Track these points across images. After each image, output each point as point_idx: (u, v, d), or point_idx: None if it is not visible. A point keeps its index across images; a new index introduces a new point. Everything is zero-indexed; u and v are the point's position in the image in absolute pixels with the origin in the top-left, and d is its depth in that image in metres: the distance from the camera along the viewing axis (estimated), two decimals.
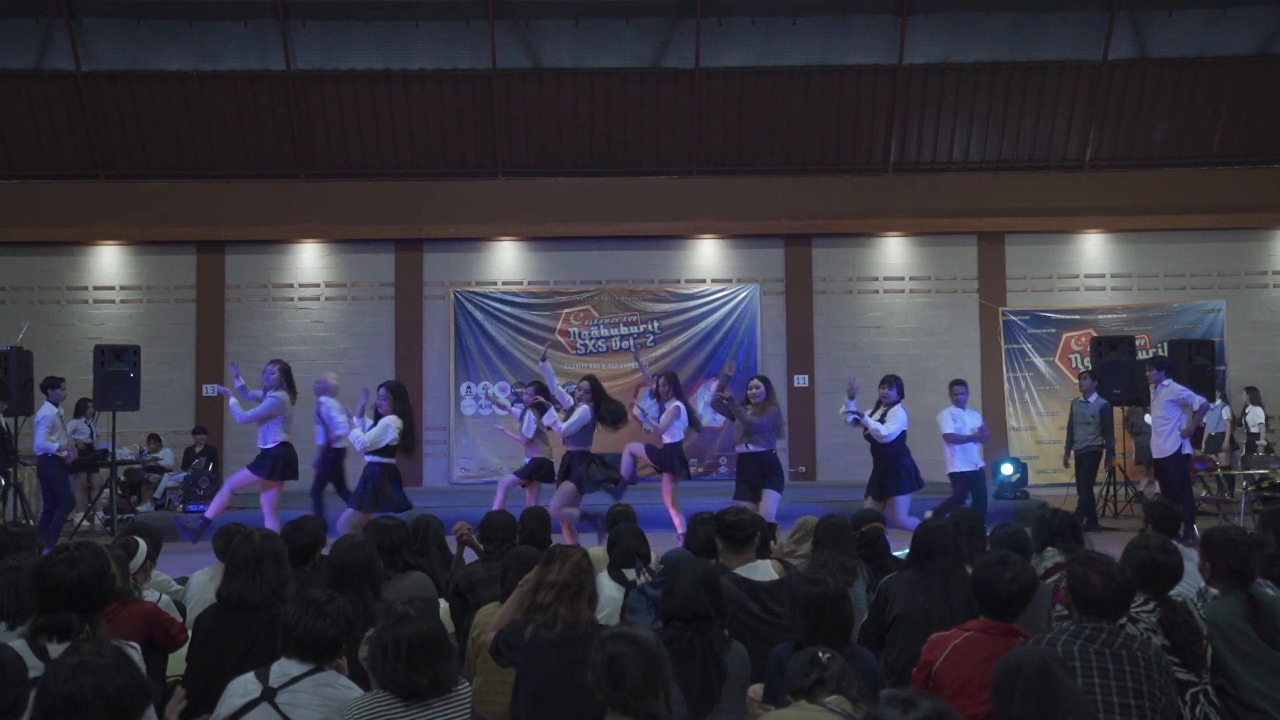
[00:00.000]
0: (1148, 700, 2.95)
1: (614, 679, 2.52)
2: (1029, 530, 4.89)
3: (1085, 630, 3.04)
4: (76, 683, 2.33)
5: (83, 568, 3.19)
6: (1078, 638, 3.04)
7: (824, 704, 2.64)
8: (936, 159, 13.84)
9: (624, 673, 2.52)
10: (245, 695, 2.99)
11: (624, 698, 2.52)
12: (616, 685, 2.52)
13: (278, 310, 13.65)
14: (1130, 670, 2.98)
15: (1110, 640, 3.03)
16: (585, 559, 3.60)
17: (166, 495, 11.69)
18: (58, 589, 3.15)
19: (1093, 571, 3.15)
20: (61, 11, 12.83)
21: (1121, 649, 3.02)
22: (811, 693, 2.70)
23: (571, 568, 3.48)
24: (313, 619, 3.05)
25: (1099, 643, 3.01)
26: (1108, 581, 3.13)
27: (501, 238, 13.73)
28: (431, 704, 2.91)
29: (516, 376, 13.43)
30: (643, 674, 2.53)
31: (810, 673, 2.76)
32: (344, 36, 13.14)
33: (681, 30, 13.18)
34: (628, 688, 2.51)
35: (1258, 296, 13.67)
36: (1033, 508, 9.33)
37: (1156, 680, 3.01)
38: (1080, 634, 3.04)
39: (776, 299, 13.66)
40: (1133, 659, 3.01)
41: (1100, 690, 2.95)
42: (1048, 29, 13.18)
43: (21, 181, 13.58)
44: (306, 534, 4.68)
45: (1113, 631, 3.07)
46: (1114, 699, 2.94)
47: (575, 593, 3.46)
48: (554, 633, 3.38)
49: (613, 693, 2.53)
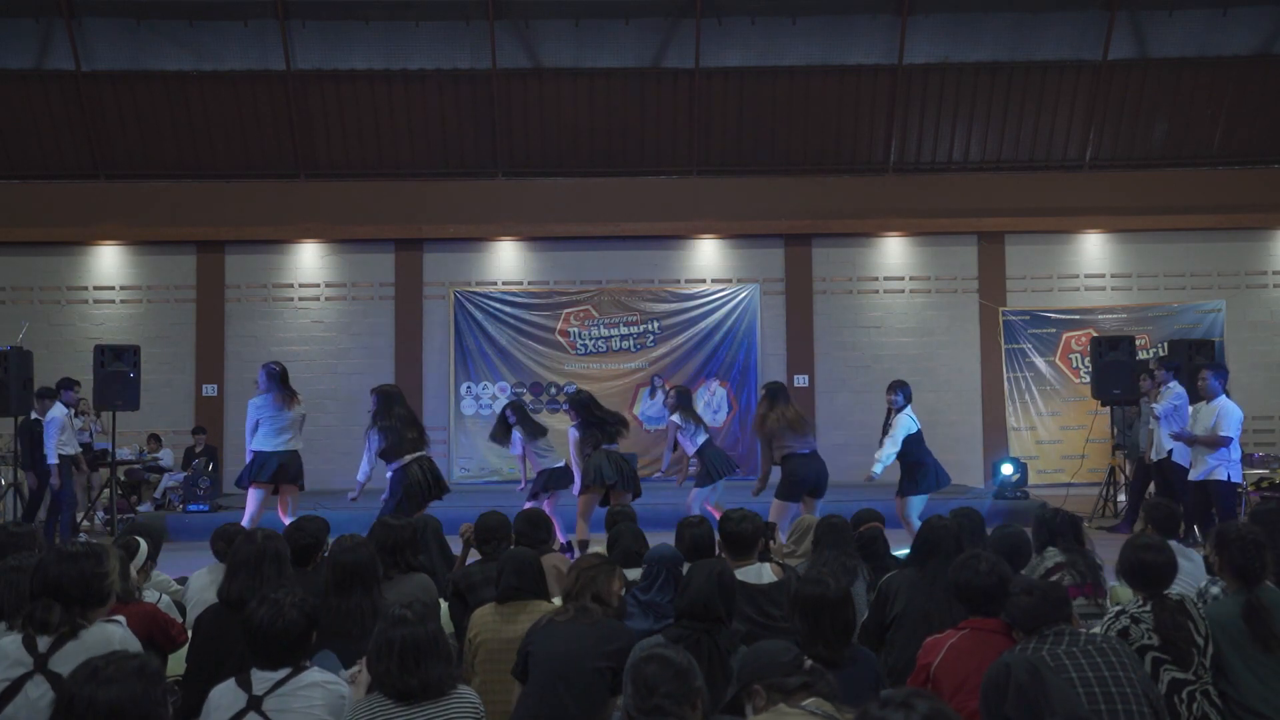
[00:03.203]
0: (1128, 686, 3.04)
1: (649, 689, 2.55)
2: (1028, 530, 4.89)
3: (1049, 636, 3.15)
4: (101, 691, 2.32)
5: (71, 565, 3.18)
6: (1045, 641, 3.13)
7: (803, 707, 2.63)
8: (936, 159, 13.84)
9: (659, 691, 2.54)
10: (230, 708, 2.96)
11: (659, 704, 2.53)
12: (651, 694, 2.54)
13: (278, 310, 13.65)
14: (1103, 660, 3.07)
15: (1075, 639, 3.14)
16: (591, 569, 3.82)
17: (166, 495, 11.70)
18: (45, 584, 3.15)
19: (1021, 595, 3.29)
20: (61, 11, 12.84)
21: (1088, 644, 3.13)
22: (792, 695, 2.68)
23: (572, 579, 3.80)
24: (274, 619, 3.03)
25: (1065, 643, 3.12)
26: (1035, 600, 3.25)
27: (501, 238, 13.73)
28: (424, 706, 2.92)
29: (516, 377, 13.46)
30: (676, 684, 2.55)
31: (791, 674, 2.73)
32: (344, 36, 13.14)
33: (681, 30, 13.18)
34: (661, 694, 2.53)
35: (1258, 296, 13.67)
36: (1033, 508, 9.31)
37: (1129, 664, 3.11)
38: (1045, 639, 3.14)
39: (776, 299, 13.66)
40: (1100, 650, 3.11)
41: (1097, 683, 3.01)
42: (1048, 29, 13.18)
43: (22, 181, 13.59)
44: (308, 535, 4.69)
45: (1073, 633, 3.18)
46: (1112, 690, 3.01)
47: (577, 596, 3.73)
48: (568, 616, 3.65)
49: (645, 702, 2.54)
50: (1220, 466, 7.87)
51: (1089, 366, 11.91)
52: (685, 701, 2.54)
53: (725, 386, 13.34)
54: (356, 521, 7.53)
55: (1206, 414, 8.05)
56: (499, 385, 13.47)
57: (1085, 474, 12.23)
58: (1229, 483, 7.91)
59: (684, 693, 2.55)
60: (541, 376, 13.46)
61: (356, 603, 3.90)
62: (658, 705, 2.52)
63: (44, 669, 3.00)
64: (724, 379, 13.40)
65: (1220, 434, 7.84)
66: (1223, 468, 7.87)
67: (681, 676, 2.56)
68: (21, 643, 3.06)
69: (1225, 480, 7.86)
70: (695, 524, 4.85)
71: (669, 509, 9.80)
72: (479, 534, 5.03)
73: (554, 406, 13.29)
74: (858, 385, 13.30)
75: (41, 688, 2.97)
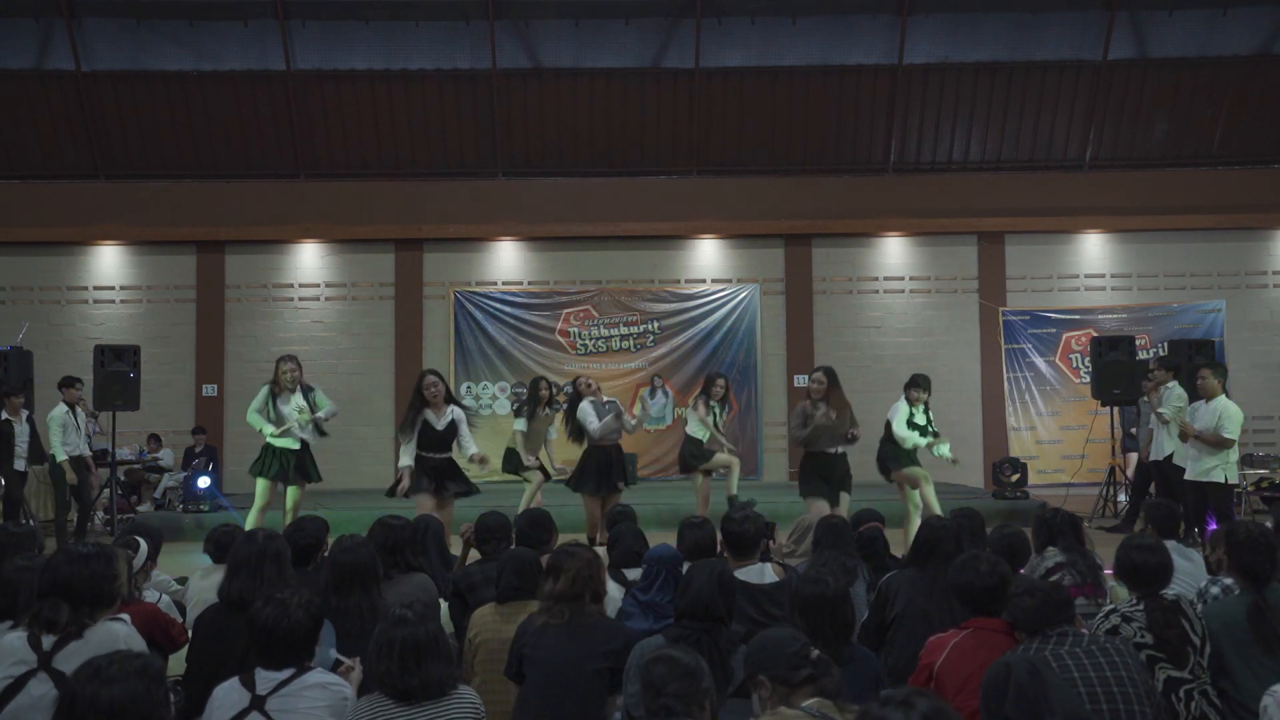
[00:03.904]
0: (1130, 686, 3.03)
1: (657, 689, 2.55)
2: (1028, 531, 4.89)
3: (1052, 636, 3.14)
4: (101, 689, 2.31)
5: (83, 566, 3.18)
6: (1048, 643, 3.13)
7: (803, 708, 2.63)
8: (936, 159, 13.84)
9: (666, 685, 2.55)
10: (234, 706, 2.96)
11: (666, 704, 2.54)
12: (659, 694, 2.54)
13: (278, 310, 13.65)
14: (1106, 660, 3.07)
15: (1078, 639, 3.14)
16: (587, 566, 3.70)
17: (166, 495, 11.69)
18: (55, 583, 3.15)
19: (1024, 596, 3.28)
20: (61, 11, 12.84)
21: (1091, 644, 3.12)
22: (797, 689, 2.68)
23: (568, 580, 3.64)
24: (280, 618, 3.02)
25: (1068, 644, 3.11)
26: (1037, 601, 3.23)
27: (501, 238, 13.73)
28: (425, 706, 2.92)
29: (516, 376, 13.46)
30: (685, 686, 2.55)
31: (801, 666, 2.72)
32: (344, 36, 13.14)
33: (681, 30, 13.19)
34: (669, 694, 2.54)
35: (1258, 296, 13.67)
36: (1033, 508, 9.31)
37: (1132, 665, 3.11)
38: (1049, 640, 3.14)
39: (776, 299, 13.67)
40: (1104, 650, 3.10)
41: (1099, 683, 3.02)
42: (1048, 29, 13.19)
43: (22, 181, 13.59)
44: (308, 535, 4.69)
45: (1076, 634, 3.17)
46: (1114, 690, 3.02)
47: (575, 598, 3.63)
48: (562, 620, 3.58)
49: (655, 703, 2.55)
50: (1218, 468, 7.81)
51: (1089, 366, 11.91)
52: (694, 702, 2.54)
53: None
54: (356, 523, 7.53)
55: (1207, 414, 7.97)
56: (499, 385, 13.47)
57: (1085, 474, 12.23)
58: (1226, 485, 7.85)
59: (692, 693, 2.55)
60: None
61: (356, 602, 3.91)
62: (665, 705, 2.52)
63: (47, 667, 3.01)
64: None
65: (1224, 435, 7.78)
66: (1220, 469, 7.81)
67: (690, 677, 2.57)
68: (26, 640, 3.06)
69: (1223, 482, 7.79)
70: (696, 524, 4.85)
71: (669, 509, 9.83)
72: (479, 534, 5.03)
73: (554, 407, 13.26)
74: (858, 385, 13.21)
75: (45, 685, 2.98)
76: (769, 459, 13.46)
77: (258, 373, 11.91)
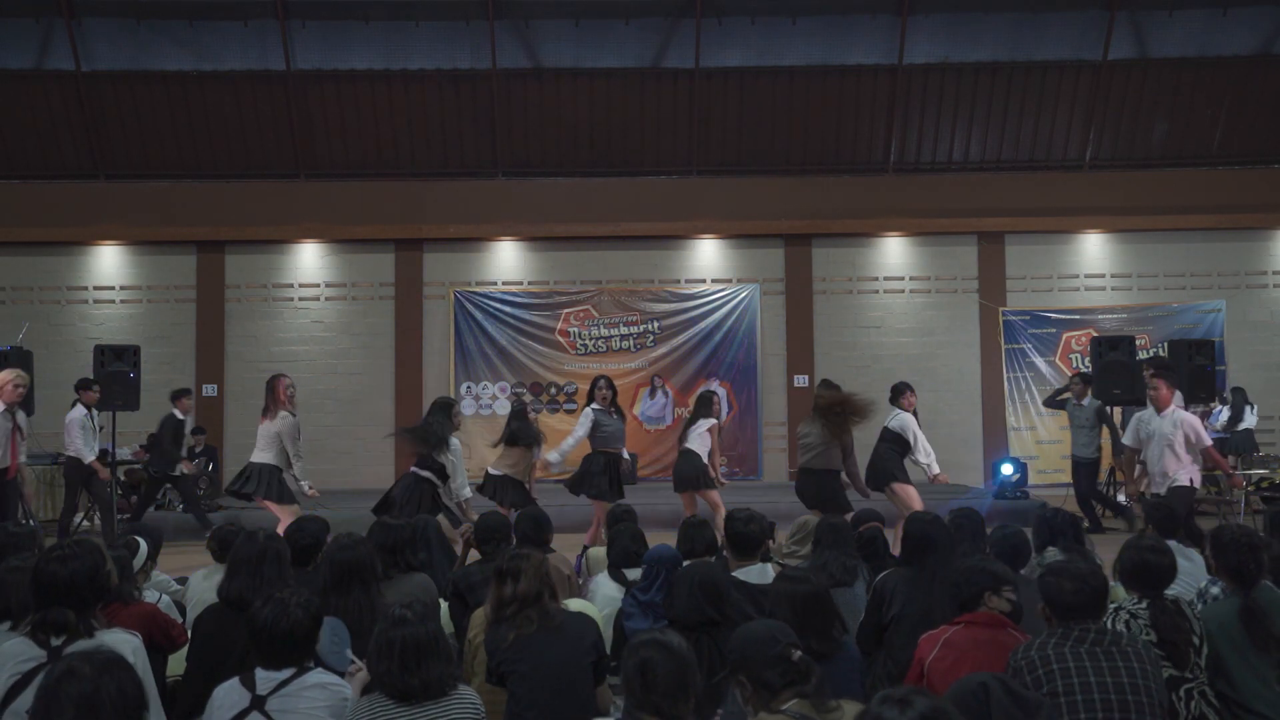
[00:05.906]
0: (1144, 695, 2.98)
1: (645, 682, 2.55)
2: (1028, 531, 4.88)
3: (1074, 632, 3.07)
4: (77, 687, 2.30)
5: (74, 565, 3.17)
6: (1066, 640, 3.07)
7: (783, 711, 2.62)
8: (936, 159, 13.84)
9: (655, 676, 2.55)
10: (234, 706, 2.95)
11: (655, 700, 2.54)
12: (648, 688, 2.55)
13: (278, 310, 13.65)
14: (1124, 665, 3.01)
15: (1099, 639, 3.06)
16: (539, 564, 3.68)
17: (167, 495, 11.68)
18: (51, 586, 3.15)
19: (1064, 579, 3.16)
20: (61, 11, 12.84)
21: (1111, 645, 3.06)
22: (777, 693, 2.66)
23: (527, 581, 3.61)
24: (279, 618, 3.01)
25: (1088, 643, 3.05)
26: (1080, 586, 3.14)
27: (501, 238, 13.73)
28: (425, 706, 2.92)
29: (516, 377, 13.46)
30: (673, 677, 2.55)
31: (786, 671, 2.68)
32: (344, 36, 13.14)
33: (681, 30, 13.19)
34: (659, 690, 2.54)
35: (1258, 296, 13.67)
36: (1033, 508, 9.30)
37: (1150, 672, 3.05)
38: (1069, 636, 3.07)
39: (776, 299, 13.66)
40: (1124, 654, 3.04)
41: (1114, 690, 2.97)
42: (1048, 29, 13.19)
43: (22, 181, 13.59)
44: (308, 535, 4.68)
45: (1100, 630, 3.10)
46: (1111, 696, 2.96)
47: (535, 599, 3.59)
48: (533, 628, 3.52)
49: (644, 696, 2.55)
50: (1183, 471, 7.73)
51: (1089, 366, 11.90)
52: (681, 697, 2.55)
53: (725, 386, 13.34)
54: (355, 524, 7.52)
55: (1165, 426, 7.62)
56: (499, 385, 13.47)
57: None
58: (1190, 487, 7.72)
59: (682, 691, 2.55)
60: (541, 376, 13.47)
61: (355, 601, 3.90)
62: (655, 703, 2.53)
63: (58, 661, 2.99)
64: (724, 379, 13.40)
65: (1205, 443, 7.69)
66: (1184, 472, 7.72)
67: (679, 673, 2.57)
68: (32, 640, 3.06)
69: (1188, 485, 7.66)
70: (697, 524, 4.84)
71: (669, 509, 9.82)
72: (479, 534, 5.03)
73: (554, 407, 13.31)
74: (858, 385, 13.09)
75: None
76: (769, 459, 13.45)
77: (258, 373, 11.88)
